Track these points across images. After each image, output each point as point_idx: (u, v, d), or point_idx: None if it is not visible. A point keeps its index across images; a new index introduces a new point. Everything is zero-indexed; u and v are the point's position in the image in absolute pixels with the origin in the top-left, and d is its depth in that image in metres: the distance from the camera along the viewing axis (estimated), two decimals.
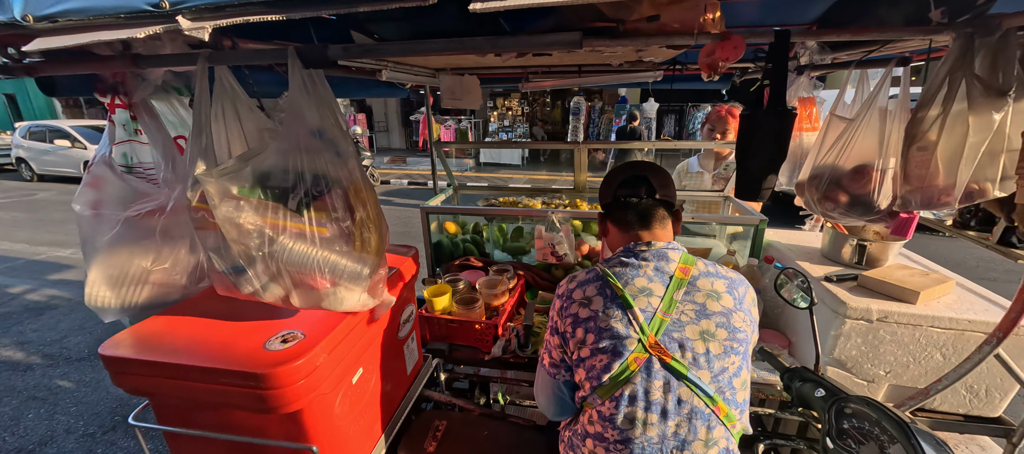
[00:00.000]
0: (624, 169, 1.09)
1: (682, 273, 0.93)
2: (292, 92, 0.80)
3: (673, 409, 0.85)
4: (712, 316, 0.87)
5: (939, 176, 0.88)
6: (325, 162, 0.83)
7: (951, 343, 1.24)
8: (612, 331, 0.89)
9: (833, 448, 0.98)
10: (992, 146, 0.82)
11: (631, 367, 0.87)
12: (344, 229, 0.84)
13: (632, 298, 0.90)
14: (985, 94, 0.80)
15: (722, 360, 0.85)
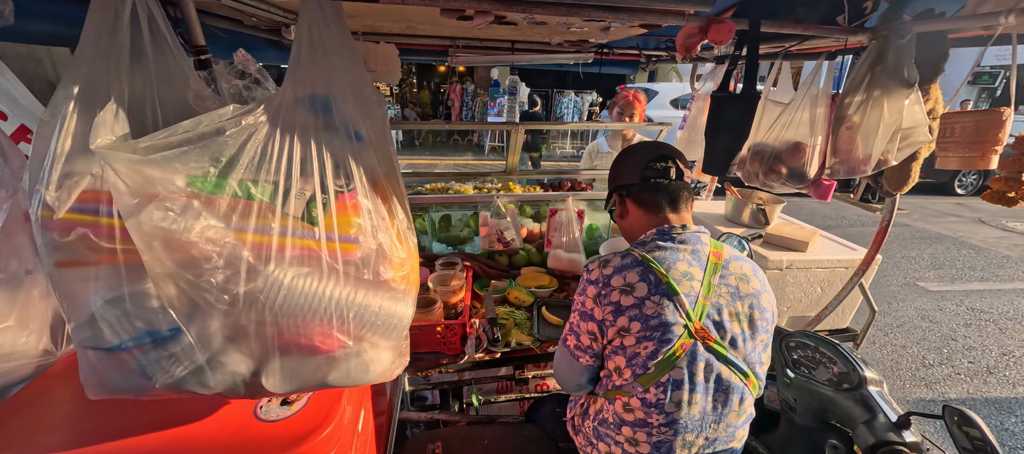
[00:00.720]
0: (649, 148, 1.06)
1: (716, 257, 0.96)
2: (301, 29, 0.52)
3: (713, 387, 0.90)
4: (745, 298, 0.93)
5: (859, 150, 1.11)
6: (348, 138, 0.56)
7: (826, 279, 1.63)
8: (661, 318, 0.87)
9: (794, 377, 1.19)
10: (896, 126, 1.08)
11: (677, 353, 0.87)
12: (378, 247, 0.58)
13: (676, 284, 0.90)
14: (895, 85, 1.03)
15: (754, 339, 0.92)
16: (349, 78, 0.55)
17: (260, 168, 0.50)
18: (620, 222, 1.11)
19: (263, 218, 0.51)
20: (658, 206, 1.00)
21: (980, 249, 4.88)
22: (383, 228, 0.57)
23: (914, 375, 2.70)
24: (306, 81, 0.53)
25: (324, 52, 0.53)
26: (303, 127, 0.51)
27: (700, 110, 1.73)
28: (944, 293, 3.79)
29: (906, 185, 1.25)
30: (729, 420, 0.92)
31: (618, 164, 1.09)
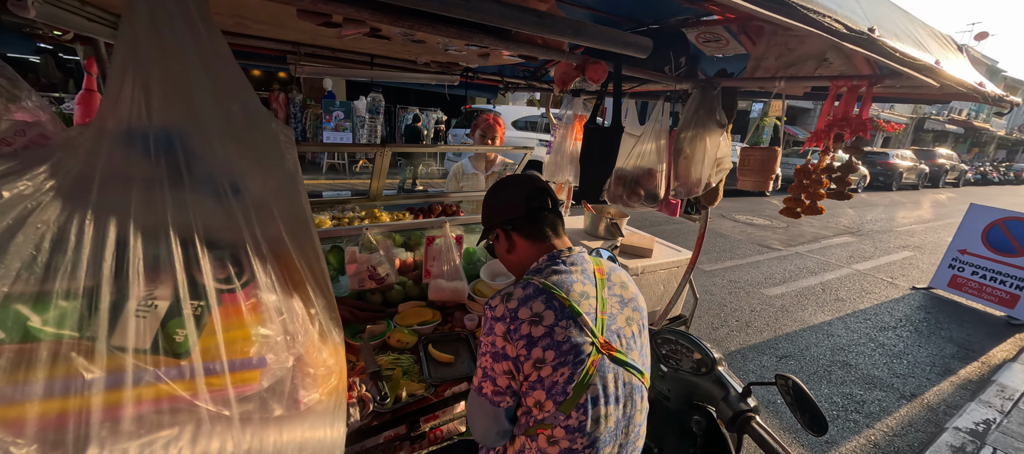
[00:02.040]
0: (525, 181, 1.08)
1: (600, 273, 1.03)
2: (128, 23, 0.28)
3: (622, 394, 0.95)
4: (628, 303, 1.02)
5: (693, 174, 1.38)
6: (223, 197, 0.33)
7: (665, 278, 1.98)
8: (571, 341, 0.89)
9: (666, 370, 1.38)
10: (714, 156, 1.37)
11: (590, 371, 0.90)
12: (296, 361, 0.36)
13: (578, 305, 0.92)
14: (713, 124, 1.31)
15: (640, 338, 1.02)
16: (220, 100, 0.33)
17: (52, 274, 0.26)
18: (507, 256, 1.10)
19: (63, 369, 0.26)
20: (544, 235, 1.04)
21: (727, 236, 6.83)
22: (302, 329, 0.37)
23: (710, 337, 3.55)
24: (139, 108, 0.30)
25: (170, 58, 0.31)
26: (143, 187, 0.28)
27: (563, 137, 1.89)
28: (713, 271, 5.15)
29: (716, 201, 1.62)
30: (635, 420, 0.99)
31: (495, 199, 1.10)
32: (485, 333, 0.94)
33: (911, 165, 15.58)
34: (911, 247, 7.09)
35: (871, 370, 3.25)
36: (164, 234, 0.31)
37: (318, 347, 0.40)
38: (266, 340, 0.34)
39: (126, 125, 0.30)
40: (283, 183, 0.38)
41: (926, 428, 2.61)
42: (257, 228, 0.35)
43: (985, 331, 4.07)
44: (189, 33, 0.33)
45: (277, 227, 0.37)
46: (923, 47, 0.69)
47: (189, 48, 0.32)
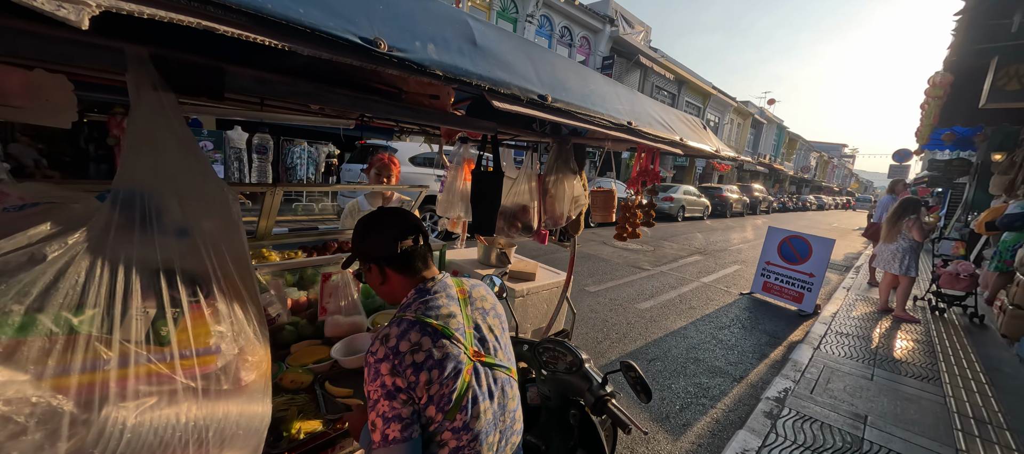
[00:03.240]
0: (395, 220, 1.17)
1: (462, 293, 1.20)
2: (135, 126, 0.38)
3: (495, 389, 1.13)
4: (489, 312, 1.21)
5: (557, 209, 1.71)
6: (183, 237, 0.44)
7: (548, 297, 2.29)
8: (448, 358, 1.03)
9: (547, 374, 1.62)
10: (571, 195, 1.72)
11: (467, 379, 1.06)
12: (239, 350, 0.47)
13: (448, 326, 1.08)
14: (568, 171, 1.67)
15: (503, 338, 1.22)
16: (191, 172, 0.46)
17: (84, 295, 0.35)
18: (379, 287, 1.18)
19: (91, 352, 0.38)
20: (416, 269, 1.15)
21: (608, 261, 7.77)
22: (242, 328, 0.49)
23: (595, 349, 4.01)
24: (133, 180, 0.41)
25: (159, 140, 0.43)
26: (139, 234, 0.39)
27: (454, 177, 2.11)
28: (597, 292, 5.82)
29: (579, 231, 1.99)
30: (509, 408, 1.18)
31: (365, 234, 1.16)
32: (371, 381, 0.99)
33: (738, 197, 19.73)
34: (740, 261, 8.94)
35: (713, 362, 4.03)
36: (153, 266, 0.42)
37: (253, 342, 0.52)
38: (220, 335, 0.47)
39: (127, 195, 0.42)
40: (229, 227, 0.51)
41: (750, 402, 3.35)
42: (213, 259, 0.48)
43: (785, 322, 5.36)
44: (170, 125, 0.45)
45: (225, 259, 0.50)
46: (670, 129, 1.09)
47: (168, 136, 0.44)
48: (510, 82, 0.64)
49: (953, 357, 4.43)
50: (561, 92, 0.75)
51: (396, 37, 0.46)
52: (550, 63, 0.80)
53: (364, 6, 0.45)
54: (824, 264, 5.69)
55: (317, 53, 0.42)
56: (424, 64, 0.48)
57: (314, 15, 0.40)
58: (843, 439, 2.83)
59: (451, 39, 0.55)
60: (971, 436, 2.99)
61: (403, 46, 0.46)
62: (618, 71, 18.00)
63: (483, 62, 0.58)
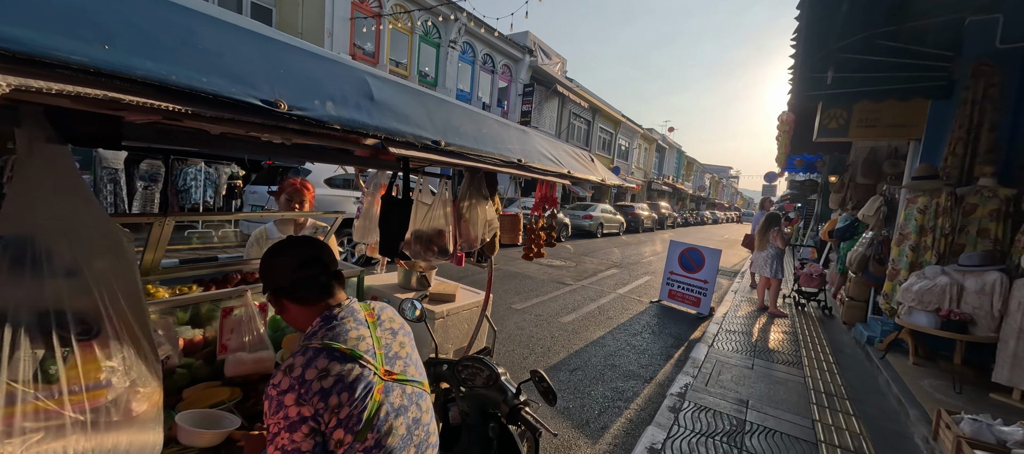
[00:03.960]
0: (296, 250, 1.18)
1: (370, 317, 1.24)
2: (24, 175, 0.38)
3: (408, 404, 1.18)
4: (398, 332, 1.27)
5: (472, 233, 1.82)
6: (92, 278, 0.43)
7: (468, 318, 2.37)
8: (357, 379, 1.07)
9: (465, 391, 1.69)
10: (484, 219, 1.85)
11: (377, 398, 1.10)
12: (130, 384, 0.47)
13: (356, 349, 1.11)
14: (481, 197, 1.80)
15: (414, 355, 1.28)
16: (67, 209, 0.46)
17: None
18: (284, 316, 1.19)
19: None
20: (316, 299, 1.16)
21: (533, 278, 8.07)
22: (134, 362, 0.49)
23: (520, 364, 4.15)
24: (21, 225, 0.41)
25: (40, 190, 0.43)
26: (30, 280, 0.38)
27: (370, 203, 2.13)
28: (523, 309, 6.02)
29: (495, 252, 2.12)
30: (422, 421, 1.23)
31: (268, 265, 1.17)
32: (272, 414, 0.97)
33: (648, 214, 21.79)
34: (650, 273, 9.87)
35: (628, 366, 4.40)
36: (42, 307, 0.43)
37: (145, 374, 0.52)
38: (111, 369, 0.48)
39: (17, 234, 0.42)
40: (121, 265, 0.52)
41: (658, 399, 3.71)
42: (105, 298, 0.49)
43: (687, 324, 6.03)
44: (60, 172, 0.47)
45: (117, 296, 0.51)
46: (559, 163, 1.30)
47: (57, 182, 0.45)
48: (405, 131, 0.74)
49: (810, 344, 5.36)
50: (454, 136, 0.87)
51: (296, 97, 0.53)
52: (446, 111, 0.92)
53: (267, 71, 0.51)
54: (715, 271, 6.55)
55: (219, 114, 0.47)
56: (322, 120, 0.55)
57: (217, 83, 0.45)
58: (730, 423, 3.27)
59: (350, 95, 0.63)
60: (822, 407, 3.65)
61: (302, 105, 0.53)
62: (538, 98, 19.07)
63: (379, 114, 0.67)
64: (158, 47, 0.42)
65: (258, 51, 0.53)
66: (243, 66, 0.49)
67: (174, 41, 0.44)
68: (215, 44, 0.48)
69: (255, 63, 0.51)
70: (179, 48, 0.44)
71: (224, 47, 0.49)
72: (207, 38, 0.48)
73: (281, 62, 0.55)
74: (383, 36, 13.09)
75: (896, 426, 3.41)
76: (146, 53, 0.40)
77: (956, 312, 3.79)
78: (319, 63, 0.63)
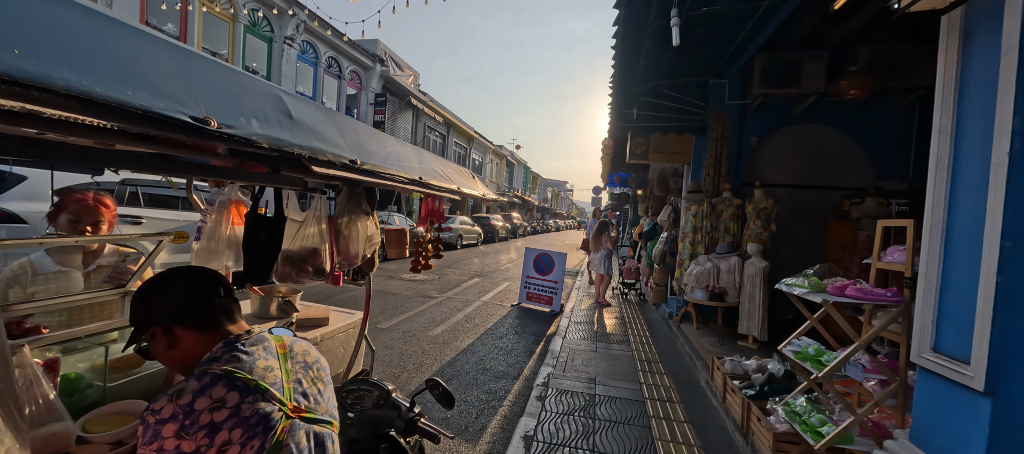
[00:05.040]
0: (187, 274, 1.06)
1: (282, 348, 1.14)
2: None
3: (314, 445, 1.11)
4: (312, 366, 1.19)
5: (351, 249, 1.75)
6: None
7: (343, 341, 2.21)
8: (259, 413, 0.97)
9: (353, 416, 1.60)
10: (365, 235, 1.80)
11: (281, 436, 1.01)
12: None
13: (263, 380, 1.02)
14: (361, 212, 1.75)
15: (326, 391, 1.21)
16: None
17: None
18: (168, 353, 1.05)
19: None
20: (217, 324, 1.07)
21: (397, 294, 7.77)
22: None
23: (395, 382, 3.97)
24: None
25: None
26: None
27: (217, 222, 1.80)
28: (390, 327, 5.77)
29: (374, 269, 2.06)
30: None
31: (154, 290, 1.05)
32: (144, 443, 0.86)
33: (503, 224, 23.38)
34: (509, 278, 10.63)
35: (498, 368, 4.69)
36: None
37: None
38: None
39: None
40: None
41: (527, 392, 4.08)
42: None
43: (544, 322, 6.75)
44: None
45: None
46: (449, 179, 1.42)
47: None
48: (325, 149, 0.74)
49: (633, 324, 6.66)
50: (366, 156, 0.89)
51: (223, 114, 0.49)
52: (355, 131, 0.92)
53: (188, 87, 0.46)
54: (562, 272, 7.52)
55: (146, 131, 0.41)
56: (251, 138, 0.52)
57: (143, 97, 0.40)
58: (585, 399, 3.85)
59: (271, 113, 0.60)
60: (645, 371, 4.61)
61: (231, 123, 0.49)
62: (392, 109, 18.50)
63: (301, 133, 0.65)
64: (72, 53, 0.36)
65: (172, 60, 0.47)
66: (164, 79, 0.44)
67: (86, 47, 0.37)
68: (128, 51, 0.42)
69: (174, 75, 0.46)
70: (92, 55, 0.38)
71: (138, 55, 0.43)
72: (119, 43, 0.41)
73: (198, 74, 0.50)
74: (192, 18, 10.74)
75: (690, 375, 4.57)
76: (63, 61, 0.34)
77: (716, 287, 5.32)
78: (232, 76, 0.57)
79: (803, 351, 2.34)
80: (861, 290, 2.09)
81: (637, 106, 5.99)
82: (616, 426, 3.37)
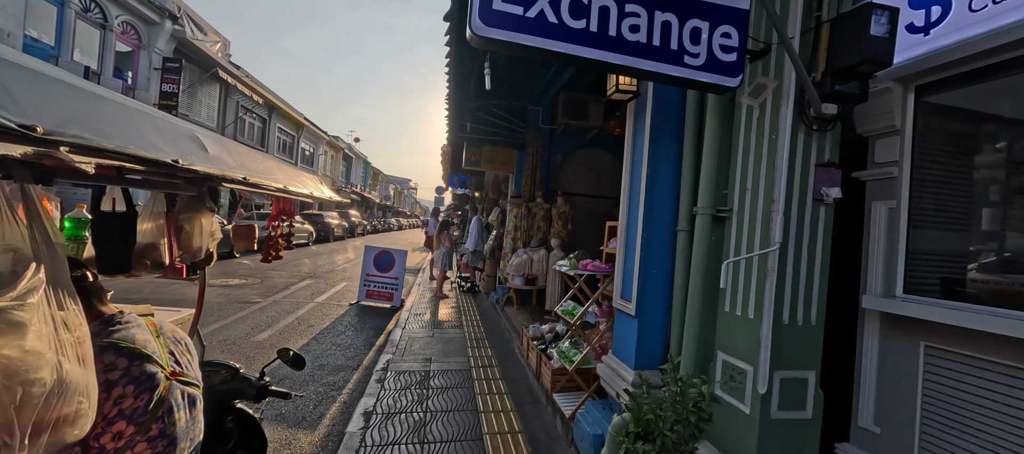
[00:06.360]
0: None
1: (153, 327, 1.32)
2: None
3: (187, 403, 1.35)
4: (180, 342, 1.39)
5: (194, 244, 1.88)
6: None
7: None
8: (146, 373, 1.18)
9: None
10: (208, 230, 1.93)
11: (163, 393, 1.24)
12: None
13: (144, 348, 1.21)
14: (203, 208, 1.90)
15: (194, 363, 1.43)
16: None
17: None
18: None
19: None
20: (90, 305, 1.20)
21: (205, 302, 6.73)
22: None
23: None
24: None
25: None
26: None
27: None
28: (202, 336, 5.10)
29: (212, 262, 2.15)
30: (197, 418, 1.42)
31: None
32: None
33: (339, 222, 21.72)
34: (347, 278, 10.27)
35: (336, 362, 4.80)
36: None
37: None
38: None
39: None
40: None
41: (366, 379, 4.37)
42: None
43: (384, 317, 6.99)
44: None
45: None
46: (305, 184, 1.76)
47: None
48: (233, 178, 1.08)
49: (467, 312, 7.56)
50: (252, 173, 1.22)
51: (184, 155, 0.82)
52: (243, 154, 1.24)
53: (171, 141, 0.77)
54: (403, 269, 7.88)
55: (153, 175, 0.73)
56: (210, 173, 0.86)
57: (146, 148, 0.73)
58: (421, 375, 4.40)
59: (197, 150, 0.92)
60: (473, 347, 5.46)
61: (190, 159, 0.82)
62: (190, 80, 15.11)
63: (218, 163, 0.97)
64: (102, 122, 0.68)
65: (147, 121, 0.78)
66: (149, 135, 0.76)
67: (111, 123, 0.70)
68: (125, 121, 0.73)
69: (148, 131, 0.77)
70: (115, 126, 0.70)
71: (129, 122, 0.74)
72: (123, 118, 0.72)
73: (159, 128, 0.81)
74: None
75: (508, 346, 5.64)
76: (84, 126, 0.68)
77: (529, 274, 6.63)
78: (169, 125, 0.88)
79: (566, 309, 3.47)
80: (595, 266, 3.30)
81: (471, 120, 6.89)
82: (447, 391, 4.05)
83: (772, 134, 1.95)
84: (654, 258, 2.69)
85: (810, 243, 1.94)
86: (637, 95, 2.96)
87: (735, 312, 2.08)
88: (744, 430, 1.94)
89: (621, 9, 1.84)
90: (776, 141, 1.91)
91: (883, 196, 2.01)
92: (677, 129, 2.67)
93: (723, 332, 2.17)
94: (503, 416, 3.59)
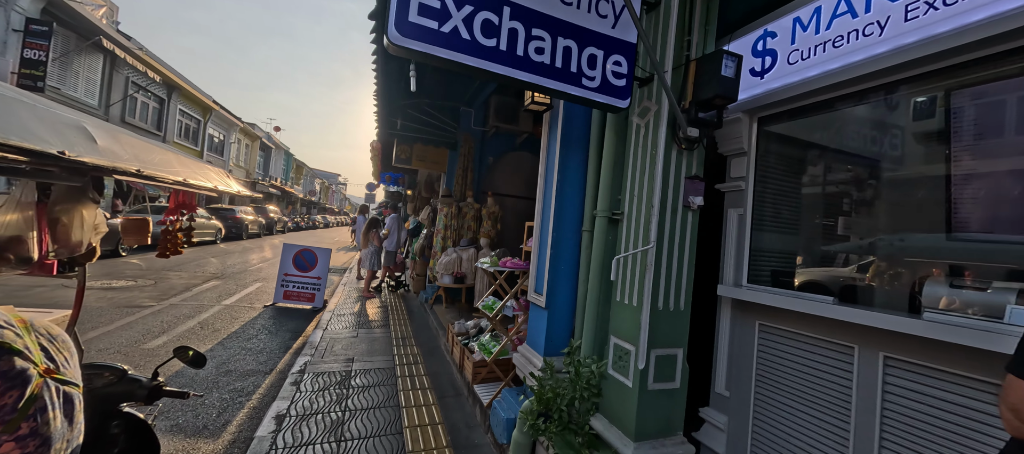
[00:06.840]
0: None
1: (22, 323, 1.23)
2: None
3: (63, 402, 1.28)
4: (56, 339, 1.30)
5: (73, 238, 1.74)
6: None
7: None
8: (16, 370, 1.12)
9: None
10: (90, 223, 1.79)
11: (35, 390, 1.18)
12: None
13: (14, 344, 1.14)
14: (88, 200, 1.76)
15: (73, 361, 1.34)
16: None
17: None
18: None
19: None
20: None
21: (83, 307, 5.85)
22: None
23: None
24: None
25: None
26: None
27: None
28: (83, 344, 4.45)
29: (94, 258, 1.98)
30: (76, 419, 1.34)
31: None
32: None
33: (254, 218, 19.84)
34: (261, 279, 9.50)
35: (246, 367, 4.50)
36: None
37: None
38: None
39: None
40: None
41: (280, 383, 4.17)
42: None
43: (303, 318, 6.64)
44: None
45: None
46: (209, 178, 1.72)
47: None
48: (125, 170, 1.07)
49: (396, 311, 7.45)
50: (147, 165, 1.20)
51: (70, 147, 0.82)
52: (136, 147, 1.22)
53: (56, 131, 0.77)
54: (326, 268, 7.53)
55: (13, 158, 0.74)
56: (85, 163, 0.86)
57: (31, 139, 0.74)
58: (342, 375, 4.31)
59: (85, 142, 0.91)
60: (400, 346, 5.45)
61: (77, 151, 0.83)
62: (64, 48, 12.85)
63: (109, 156, 0.96)
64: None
65: (28, 111, 0.77)
66: (31, 125, 0.76)
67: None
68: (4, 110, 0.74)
69: (30, 120, 0.77)
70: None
71: (8, 112, 0.75)
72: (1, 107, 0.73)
73: (42, 117, 0.80)
74: None
75: (435, 343, 5.71)
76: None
77: (459, 272, 6.75)
78: (53, 114, 0.86)
79: (487, 304, 3.67)
80: (514, 263, 3.53)
81: (402, 117, 6.82)
82: (368, 389, 4.02)
83: (653, 150, 2.31)
84: (563, 255, 2.99)
85: (680, 242, 2.34)
86: (550, 107, 3.25)
87: (623, 301, 2.41)
88: (627, 401, 2.28)
89: (528, 32, 2.06)
90: (655, 156, 2.28)
91: (735, 204, 2.48)
92: (584, 140, 3.00)
93: (615, 319, 2.50)
94: (425, 410, 3.68)
